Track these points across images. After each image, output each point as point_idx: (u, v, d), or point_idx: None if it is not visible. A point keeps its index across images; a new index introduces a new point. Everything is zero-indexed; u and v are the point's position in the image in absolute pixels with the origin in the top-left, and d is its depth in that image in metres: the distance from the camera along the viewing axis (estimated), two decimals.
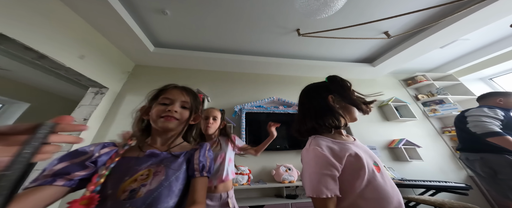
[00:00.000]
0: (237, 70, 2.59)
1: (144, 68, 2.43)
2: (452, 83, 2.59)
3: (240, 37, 2.05)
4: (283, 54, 2.36)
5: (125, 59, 2.28)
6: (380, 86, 2.72)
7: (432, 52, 2.26)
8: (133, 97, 2.18)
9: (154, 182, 0.42)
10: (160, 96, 0.55)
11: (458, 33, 1.84)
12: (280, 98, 2.28)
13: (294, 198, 1.58)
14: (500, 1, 1.38)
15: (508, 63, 2.28)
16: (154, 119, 0.51)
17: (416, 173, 2.00)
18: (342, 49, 2.29)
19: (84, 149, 0.44)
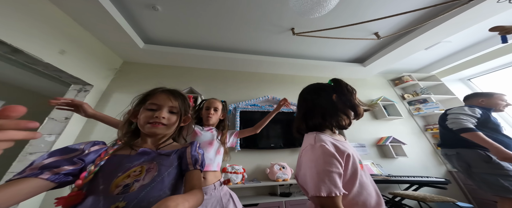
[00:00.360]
0: (231, 69, 2.56)
1: (133, 65, 2.33)
2: (435, 84, 2.74)
3: (234, 35, 2.02)
4: (278, 53, 2.37)
5: (112, 55, 2.17)
6: (370, 86, 2.82)
7: (418, 53, 2.36)
8: (121, 95, 2.08)
9: (147, 178, 0.44)
10: (147, 100, 0.55)
11: (441, 36, 1.94)
12: (274, 97, 2.29)
13: (287, 196, 1.60)
14: (478, 6, 1.47)
15: (485, 65, 2.45)
16: (142, 124, 0.52)
17: (401, 169, 2.11)
18: (335, 49, 2.33)
19: (74, 146, 0.45)
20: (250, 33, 2.00)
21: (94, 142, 0.49)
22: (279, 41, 2.14)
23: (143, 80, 2.26)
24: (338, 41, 2.13)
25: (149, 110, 0.53)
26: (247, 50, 2.29)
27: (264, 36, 2.06)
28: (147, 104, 0.54)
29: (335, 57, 2.50)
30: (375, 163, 2.07)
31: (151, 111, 0.52)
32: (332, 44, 2.21)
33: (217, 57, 2.28)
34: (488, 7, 1.49)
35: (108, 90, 2.08)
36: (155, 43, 2.14)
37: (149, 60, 2.33)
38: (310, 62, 2.45)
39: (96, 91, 1.97)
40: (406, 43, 2.02)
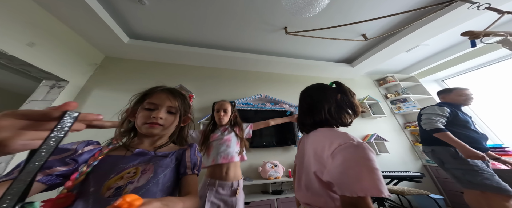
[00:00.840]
0: (223, 67, 2.51)
1: (116, 61, 2.18)
2: (414, 84, 2.94)
3: (226, 32, 1.98)
4: (271, 52, 2.36)
5: (92, 50, 2.01)
6: (358, 86, 2.95)
7: (400, 55, 2.52)
8: (102, 92, 1.94)
9: (142, 180, 0.42)
10: (145, 99, 0.53)
11: (420, 39, 2.07)
12: (267, 95, 2.30)
13: (279, 193, 1.63)
14: (452, 12, 1.59)
15: (457, 67, 2.68)
16: (139, 125, 0.50)
17: (384, 165, 2.25)
18: (326, 49, 2.39)
19: (66, 146, 0.42)
20: (243, 31, 1.97)
21: (88, 142, 0.46)
22: (272, 40, 2.13)
23: (128, 76, 2.13)
24: (329, 41, 2.19)
25: (147, 109, 0.51)
26: (240, 48, 2.26)
27: (257, 35, 2.04)
28: (145, 103, 0.52)
29: (326, 57, 2.57)
30: None
31: (148, 111, 0.51)
32: (323, 44, 2.26)
33: (209, 55, 2.22)
34: (460, 13, 1.61)
35: (87, 86, 1.93)
36: (142, 39, 2.02)
37: (135, 56, 2.20)
38: (302, 62, 2.49)
39: (72, 88, 1.82)
40: (390, 45, 2.14)
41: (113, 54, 2.16)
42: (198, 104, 2.16)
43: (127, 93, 1.83)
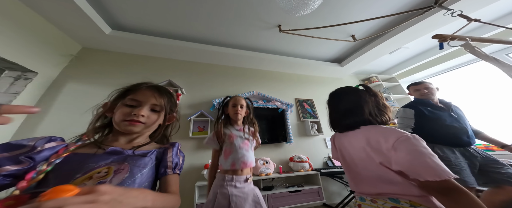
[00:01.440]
0: (215, 62, 2.45)
1: (96, 53, 2.01)
2: (394, 84, 3.18)
3: (219, 27, 1.92)
4: (264, 49, 2.35)
5: (67, 40, 1.82)
6: (345, 85, 3.05)
7: (384, 56, 2.68)
8: (77, 85, 1.79)
9: (115, 180, 0.39)
10: (127, 96, 0.50)
11: (402, 42, 2.22)
12: (260, 93, 2.31)
13: (270, 189, 1.69)
14: (430, 17, 1.72)
15: (433, 69, 2.93)
16: (117, 121, 0.47)
17: None
18: (318, 49, 2.45)
19: (20, 142, 0.38)
20: (237, 27, 1.93)
21: (50, 138, 0.42)
22: (266, 37, 2.12)
23: (108, 70, 1.97)
24: (321, 41, 2.24)
25: (128, 105, 0.48)
26: (233, 44, 2.22)
27: (251, 32, 2.01)
28: (127, 99, 0.49)
29: (318, 56, 2.63)
30: None
31: (129, 107, 0.48)
32: (315, 43, 2.30)
33: (200, 50, 2.15)
34: (437, 19, 1.75)
35: (60, 79, 1.76)
36: (127, 30, 1.88)
37: (117, 48, 2.04)
38: (295, 60, 2.53)
39: (42, 80, 1.65)
40: (375, 47, 2.26)
41: (92, 46, 1.97)
42: (188, 100, 2.09)
43: (106, 87, 1.73)
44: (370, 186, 0.56)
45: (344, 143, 0.67)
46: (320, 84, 2.94)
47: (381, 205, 0.52)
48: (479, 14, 1.63)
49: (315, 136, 2.40)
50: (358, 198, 0.62)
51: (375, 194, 0.55)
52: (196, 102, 2.09)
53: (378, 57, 2.56)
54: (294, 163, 1.99)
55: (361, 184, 0.60)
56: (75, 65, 1.84)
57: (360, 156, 0.59)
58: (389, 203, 0.50)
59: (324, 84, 2.97)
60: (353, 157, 0.63)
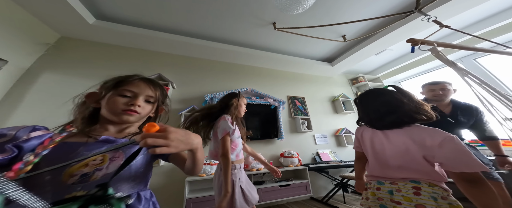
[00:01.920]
0: (208, 57, 2.41)
1: (77, 43, 1.89)
2: (378, 84, 3.38)
3: (213, 22, 1.89)
4: (258, 46, 2.36)
5: (43, 27, 1.70)
6: (335, 84, 3.23)
7: (371, 57, 2.83)
8: (54, 75, 1.69)
9: (112, 167, 0.41)
10: (120, 87, 0.50)
11: (387, 44, 2.36)
12: (253, 89, 2.32)
13: (261, 184, 1.75)
14: (411, 22, 1.86)
15: (411, 71, 3.17)
16: (110, 111, 0.48)
17: (349, 155, 2.61)
18: (310, 48, 2.51)
19: (1, 131, 0.38)
20: (231, 23, 1.91)
21: (34, 127, 0.41)
22: (260, 34, 2.12)
23: (90, 61, 1.87)
24: (313, 40, 2.30)
25: (123, 96, 0.49)
26: (227, 40, 2.19)
27: (246, 28, 2.00)
28: (121, 89, 0.49)
29: (310, 55, 2.70)
30: (332, 151, 2.48)
31: (125, 98, 0.49)
32: (308, 42, 2.36)
33: (192, 44, 2.10)
34: (418, 24, 1.88)
35: (35, 68, 1.65)
36: (113, 21, 1.78)
37: (101, 39, 1.93)
38: (288, 58, 2.57)
39: (13, 68, 1.54)
40: (364, 48, 2.38)
41: (73, 35, 1.84)
42: (179, 95, 2.05)
43: (87, 78, 1.66)
44: (395, 172, 0.67)
45: (379, 137, 0.75)
46: (311, 82, 3.03)
47: (401, 186, 0.64)
48: (452, 21, 1.79)
49: (305, 133, 2.51)
50: (375, 182, 0.72)
51: (399, 178, 0.66)
52: (188, 97, 2.05)
53: (365, 58, 2.70)
54: (284, 158, 2.07)
55: (387, 170, 0.70)
56: (53, 55, 1.72)
57: (395, 149, 0.69)
58: (410, 184, 0.62)
59: (315, 82, 3.07)
60: (385, 148, 0.72)
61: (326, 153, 2.39)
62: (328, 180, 2.28)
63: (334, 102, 3.02)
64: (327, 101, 2.98)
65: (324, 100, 2.96)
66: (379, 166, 0.72)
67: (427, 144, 0.62)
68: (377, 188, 0.70)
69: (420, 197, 0.59)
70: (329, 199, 2.04)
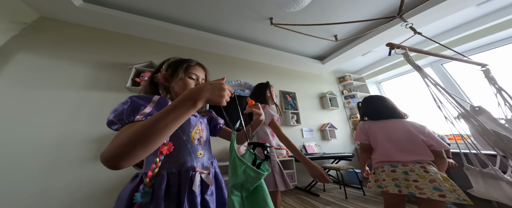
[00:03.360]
0: (201, 48, 2.41)
1: (58, 24, 1.78)
2: (362, 84, 3.71)
3: (210, 13, 1.90)
4: (253, 40, 2.41)
5: (21, 6, 1.58)
6: (324, 81, 3.46)
7: (357, 58, 3.09)
8: (31, 56, 1.61)
9: (204, 134, 0.57)
10: (188, 70, 0.57)
11: (372, 46, 2.60)
12: (246, 82, 2.40)
13: None
14: (394, 27, 2.09)
15: (390, 72, 3.52)
16: (182, 91, 0.54)
17: (331, 148, 2.90)
18: (304, 45, 2.65)
19: (142, 101, 0.46)
20: (228, 15, 1.94)
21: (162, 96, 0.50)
22: (256, 28, 2.18)
23: (73, 43, 1.79)
24: (307, 38, 2.43)
25: (190, 78, 0.57)
26: (222, 32, 2.22)
27: (242, 21, 2.04)
28: (189, 72, 0.57)
29: (303, 52, 2.85)
30: (317, 144, 2.73)
31: (191, 79, 0.57)
32: (302, 40, 2.48)
33: (187, 34, 2.09)
34: (399, 29, 2.12)
35: (9, 47, 1.52)
36: (102, 4, 1.71)
37: (87, 22, 1.85)
38: (282, 54, 2.68)
39: None
40: (352, 48, 2.60)
41: (55, 16, 1.73)
42: None
43: (69, 62, 1.62)
44: (407, 155, 0.89)
45: (384, 127, 1.00)
46: (302, 78, 3.21)
47: (412, 166, 0.86)
48: (425, 29, 2.07)
49: (294, 126, 2.70)
50: (388, 166, 0.92)
51: (409, 161, 0.88)
52: None
53: (353, 58, 2.94)
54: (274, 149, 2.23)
55: (397, 155, 0.91)
56: (29, 35, 1.60)
57: (401, 136, 0.93)
58: (418, 164, 0.85)
59: (306, 79, 3.25)
60: (392, 137, 0.95)
61: (311, 146, 2.62)
62: None
63: (322, 99, 3.26)
64: (316, 98, 3.20)
65: (313, 96, 3.18)
66: (396, 150, 0.93)
67: (424, 131, 0.91)
68: (392, 171, 0.90)
69: (429, 174, 0.81)
70: (311, 188, 2.29)
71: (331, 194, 2.18)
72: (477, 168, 0.71)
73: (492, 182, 0.66)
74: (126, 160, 0.29)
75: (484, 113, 0.84)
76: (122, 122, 0.39)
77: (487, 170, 0.69)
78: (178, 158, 0.48)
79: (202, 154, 0.53)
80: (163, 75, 0.56)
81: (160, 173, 0.44)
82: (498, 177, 0.64)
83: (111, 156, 0.29)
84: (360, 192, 2.19)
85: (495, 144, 0.61)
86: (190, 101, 0.36)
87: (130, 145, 0.30)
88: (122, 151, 0.29)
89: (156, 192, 0.41)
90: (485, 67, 1.14)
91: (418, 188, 0.81)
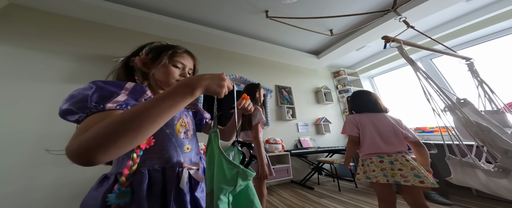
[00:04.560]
0: (194, 42, 2.38)
1: (30, 12, 1.70)
2: (355, 78, 3.81)
3: (202, 4, 1.87)
4: (248, 33, 2.41)
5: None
6: (319, 76, 3.52)
7: (352, 53, 3.16)
8: None
9: (190, 129, 0.54)
10: (174, 57, 0.52)
11: (367, 41, 2.67)
12: (242, 76, 2.41)
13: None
14: (389, 21, 2.14)
15: (382, 67, 3.64)
16: (167, 79, 0.50)
17: (326, 142, 3.01)
18: (299, 40, 2.67)
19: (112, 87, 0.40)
20: (221, 7, 1.92)
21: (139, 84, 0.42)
22: (251, 21, 2.18)
23: (47, 33, 1.73)
24: (303, 32, 2.45)
25: (175, 66, 0.52)
26: (216, 25, 2.20)
27: (237, 14, 2.03)
28: (174, 60, 0.52)
29: (299, 47, 2.87)
30: (312, 139, 2.82)
31: (177, 68, 0.52)
32: (297, 34, 2.50)
33: (179, 26, 2.05)
34: (393, 23, 2.19)
35: None
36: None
37: (64, 11, 1.76)
38: (278, 48, 2.69)
39: None
40: (347, 43, 2.65)
41: (26, 3, 1.64)
42: None
43: (40, 53, 1.56)
44: (391, 147, 0.99)
45: (373, 120, 1.07)
46: (298, 73, 3.26)
47: (395, 156, 0.96)
48: (418, 24, 2.15)
49: (290, 121, 2.76)
50: (375, 157, 1.00)
51: (393, 152, 0.98)
52: None
53: (347, 53, 3.00)
54: (269, 144, 2.29)
55: (384, 147, 1.00)
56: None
57: (387, 129, 1.03)
58: (399, 154, 0.96)
59: (302, 74, 3.30)
60: (380, 129, 1.03)
61: (306, 140, 2.71)
62: (306, 164, 2.62)
63: (317, 93, 3.34)
64: (311, 92, 3.27)
65: (308, 91, 3.24)
66: (383, 142, 1.01)
67: (402, 124, 1.03)
68: (380, 161, 0.98)
69: (409, 162, 0.92)
70: (306, 181, 2.39)
71: (325, 187, 2.28)
72: (457, 157, 0.78)
73: (469, 171, 0.73)
74: (106, 153, 0.25)
75: (468, 105, 0.92)
76: (85, 111, 0.32)
77: (466, 159, 0.76)
78: (161, 153, 0.44)
79: (189, 149, 0.50)
80: (141, 60, 0.50)
81: (139, 171, 0.39)
82: (475, 165, 0.71)
83: (84, 149, 0.25)
84: (352, 184, 2.31)
85: (476, 134, 0.67)
86: (189, 88, 0.34)
87: (113, 135, 0.26)
88: (102, 143, 0.25)
89: (136, 193, 0.37)
90: (469, 61, 1.22)
91: (403, 176, 0.89)
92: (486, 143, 0.65)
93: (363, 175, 1.01)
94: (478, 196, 1.74)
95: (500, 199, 1.60)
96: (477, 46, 2.47)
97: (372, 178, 0.97)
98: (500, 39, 2.28)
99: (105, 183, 0.38)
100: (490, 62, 2.28)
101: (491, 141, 0.63)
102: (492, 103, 1.03)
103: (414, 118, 2.80)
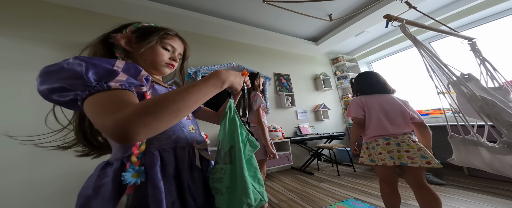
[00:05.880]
0: (191, 30, 2.30)
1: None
2: (354, 64, 3.80)
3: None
4: (245, 20, 2.33)
5: None
6: (318, 63, 3.49)
7: (350, 39, 3.12)
8: None
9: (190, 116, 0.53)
10: (164, 39, 0.50)
11: (366, 25, 2.62)
12: (239, 64, 2.36)
13: None
14: (390, 4, 2.10)
15: (381, 53, 3.63)
16: (155, 61, 0.49)
17: (324, 128, 3.06)
18: (297, 26, 2.60)
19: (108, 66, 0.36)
20: None
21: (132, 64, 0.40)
22: (248, 7, 2.10)
23: (37, 21, 1.61)
24: (301, 18, 2.37)
25: (164, 48, 0.50)
26: (212, 12, 2.12)
27: None
28: (164, 42, 0.50)
29: (297, 33, 2.80)
30: (311, 125, 2.85)
31: (166, 51, 0.51)
32: (295, 20, 2.42)
33: (174, 14, 1.96)
34: (393, 6, 2.13)
35: None
36: None
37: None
38: (275, 35, 2.63)
39: None
40: (346, 28, 2.60)
41: None
42: None
43: (25, 40, 1.48)
44: (397, 128, 0.99)
45: (380, 102, 1.06)
46: (297, 60, 3.22)
47: (401, 137, 0.96)
48: (421, 5, 2.10)
49: (289, 108, 2.77)
50: (381, 139, 0.99)
51: (399, 133, 0.97)
52: None
53: (346, 39, 2.96)
54: (269, 132, 2.31)
55: (391, 128, 0.99)
56: None
57: (395, 111, 1.02)
58: (405, 136, 0.96)
59: (300, 61, 3.27)
60: (387, 110, 1.02)
61: (305, 127, 2.74)
62: (306, 151, 2.68)
63: (315, 80, 3.33)
64: (310, 79, 3.26)
65: (307, 78, 3.23)
66: (390, 124, 1.00)
67: (408, 105, 1.03)
68: (387, 143, 0.97)
69: (416, 143, 0.92)
70: (306, 167, 2.45)
71: (325, 172, 2.35)
72: (460, 136, 0.78)
73: (472, 149, 0.72)
74: (148, 131, 0.27)
75: (473, 80, 0.92)
76: (87, 88, 0.29)
77: (469, 137, 0.75)
78: (168, 134, 0.43)
79: (194, 129, 0.50)
80: (126, 37, 0.46)
81: (149, 152, 0.38)
82: (479, 143, 0.70)
83: (132, 124, 0.25)
84: (350, 169, 2.39)
85: (481, 109, 0.68)
86: (220, 81, 0.39)
87: (157, 114, 0.27)
88: (148, 121, 0.26)
89: (150, 174, 0.36)
90: (472, 40, 1.22)
91: (410, 158, 0.88)
92: (491, 117, 0.66)
93: (368, 158, 1.01)
94: (469, 175, 1.84)
95: (490, 177, 1.69)
96: (478, 27, 2.48)
97: (377, 161, 0.96)
98: (502, 20, 2.28)
99: (109, 168, 0.36)
100: (492, 43, 2.31)
101: (497, 115, 0.63)
102: (495, 80, 1.04)
103: (410, 100, 2.83)
